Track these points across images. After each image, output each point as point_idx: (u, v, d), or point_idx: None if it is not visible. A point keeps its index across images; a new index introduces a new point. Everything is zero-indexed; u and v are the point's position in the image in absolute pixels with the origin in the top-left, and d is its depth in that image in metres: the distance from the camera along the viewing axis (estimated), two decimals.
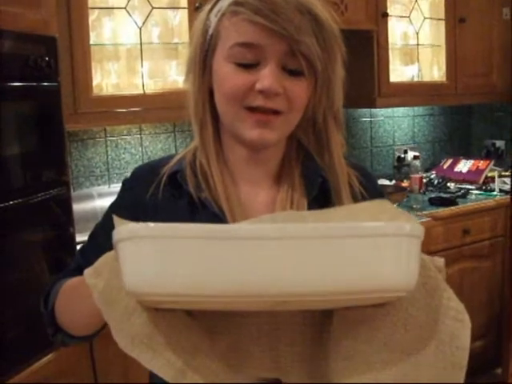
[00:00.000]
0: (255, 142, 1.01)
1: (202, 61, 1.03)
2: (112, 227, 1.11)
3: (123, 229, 0.70)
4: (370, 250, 0.68)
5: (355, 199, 1.08)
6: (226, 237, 0.66)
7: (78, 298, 0.93)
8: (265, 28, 0.93)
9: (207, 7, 1.04)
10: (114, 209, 1.15)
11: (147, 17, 2.49)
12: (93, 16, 2.38)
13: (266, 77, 0.96)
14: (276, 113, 0.99)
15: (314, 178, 1.08)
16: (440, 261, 0.86)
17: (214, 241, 0.66)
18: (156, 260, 0.67)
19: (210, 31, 1.01)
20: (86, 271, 0.87)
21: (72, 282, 1.05)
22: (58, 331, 1.09)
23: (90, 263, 1.13)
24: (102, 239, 1.12)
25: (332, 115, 1.07)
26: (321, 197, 1.08)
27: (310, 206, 1.06)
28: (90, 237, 1.18)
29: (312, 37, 0.95)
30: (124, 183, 1.16)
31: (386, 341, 0.78)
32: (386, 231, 0.69)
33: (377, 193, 1.16)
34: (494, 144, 4.00)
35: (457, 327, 0.80)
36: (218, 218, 1.03)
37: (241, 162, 1.09)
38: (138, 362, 0.74)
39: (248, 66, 0.97)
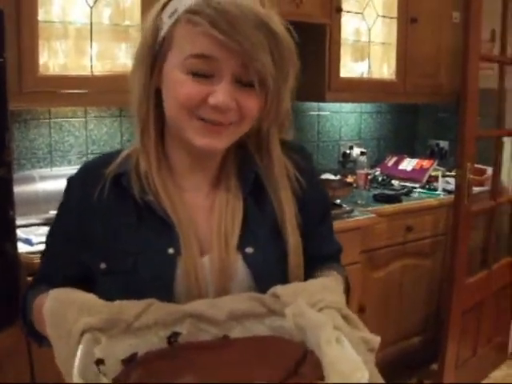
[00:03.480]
0: (204, 149, 1.02)
1: (151, 61, 1.01)
2: (66, 231, 1.12)
3: None
4: None
5: (292, 188, 1.11)
6: None
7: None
8: (221, 42, 0.92)
9: (159, 4, 1.02)
10: (62, 211, 1.15)
11: None
12: None
13: (220, 92, 0.96)
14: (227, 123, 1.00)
15: (249, 174, 1.11)
16: (376, 341, 0.92)
17: None
18: None
19: (162, 33, 0.99)
20: (45, 314, 0.92)
21: (39, 304, 1.03)
22: (44, 339, 1.04)
23: (52, 272, 1.13)
24: (58, 245, 1.14)
25: (277, 125, 1.09)
26: (256, 189, 1.10)
27: (247, 201, 1.09)
28: (47, 244, 1.18)
29: (268, 54, 0.95)
30: (69, 181, 1.14)
31: None
32: None
33: (312, 175, 1.19)
34: (438, 144, 4.07)
35: None
36: (164, 221, 1.04)
37: (184, 169, 1.10)
38: None
39: (202, 77, 0.97)
